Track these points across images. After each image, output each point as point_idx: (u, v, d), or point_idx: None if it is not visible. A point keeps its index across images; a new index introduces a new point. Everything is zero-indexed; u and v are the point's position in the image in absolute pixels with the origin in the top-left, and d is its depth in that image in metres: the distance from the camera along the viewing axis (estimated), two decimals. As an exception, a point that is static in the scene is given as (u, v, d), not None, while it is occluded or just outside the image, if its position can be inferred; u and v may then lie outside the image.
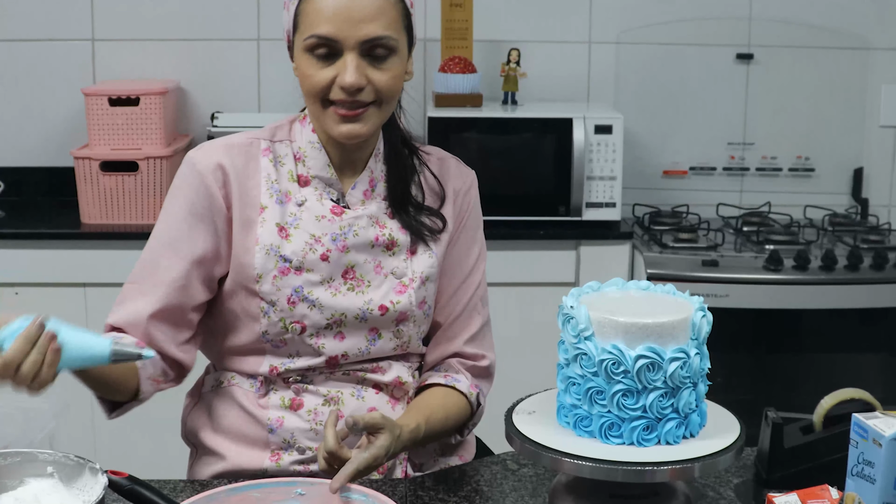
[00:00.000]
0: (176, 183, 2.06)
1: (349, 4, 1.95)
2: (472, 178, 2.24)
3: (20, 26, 4.03)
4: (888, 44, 4.15)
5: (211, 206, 2.02)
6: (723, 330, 2.24)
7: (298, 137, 2.10)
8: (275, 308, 2.02)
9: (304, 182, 2.08)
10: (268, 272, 2.02)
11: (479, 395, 2.19)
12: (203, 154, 2.06)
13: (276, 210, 2.04)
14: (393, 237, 2.09)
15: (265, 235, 2.03)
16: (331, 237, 2.04)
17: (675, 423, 1.75)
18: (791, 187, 4.19)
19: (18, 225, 3.73)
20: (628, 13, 4.12)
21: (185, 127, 4.10)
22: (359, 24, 1.95)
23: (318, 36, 1.95)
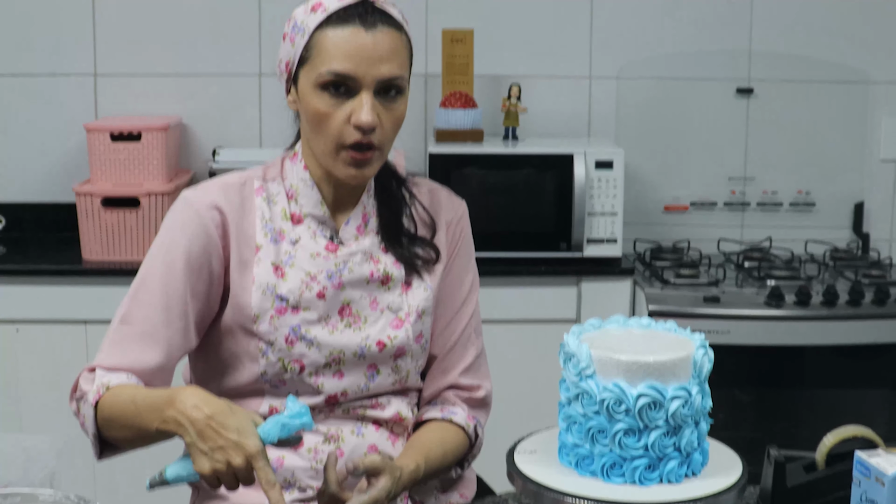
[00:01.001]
0: (171, 222, 2.05)
1: (368, 43, 1.95)
2: (463, 208, 2.23)
3: (22, 61, 4.05)
4: (888, 77, 4.16)
5: (207, 245, 2.01)
6: (724, 366, 2.24)
7: (290, 175, 2.10)
8: (273, 348, 2.02)
9: (297, 220, 2.08)
10: (265, 312, 2.01)
11: (476, 427, 2.18)
12: (200, 193, 2.05)
13: (270, 249, 2.04)
14: (388, 272, 2.09)
15: (261, 275, 2.02)
16: (326, 274, 2.04)
17: (677, 461, 1.75)
18: (792, 222, 4.19)
19: (19, 261, 3.72)
20: (628, 48, 4.13)
21: (187, 162, 4.10)
22: (377, 63, 1.95)
23: (336, 73, 1.95)
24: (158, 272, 2.01)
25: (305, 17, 1.99)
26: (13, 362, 3.61)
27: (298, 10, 2.02)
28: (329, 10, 1.97)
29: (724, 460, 1.85)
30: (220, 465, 1.73)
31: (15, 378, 3.62)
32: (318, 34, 1.97)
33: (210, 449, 1.74)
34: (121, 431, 1.93)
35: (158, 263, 2.02)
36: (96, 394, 1.94)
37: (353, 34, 1.95)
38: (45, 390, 3.63)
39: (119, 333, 2.01)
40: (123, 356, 1.99)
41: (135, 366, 1.98)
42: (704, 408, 1.79)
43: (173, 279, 2.00)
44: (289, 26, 2.03)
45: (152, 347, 1.99)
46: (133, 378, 1.96)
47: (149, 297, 2.01)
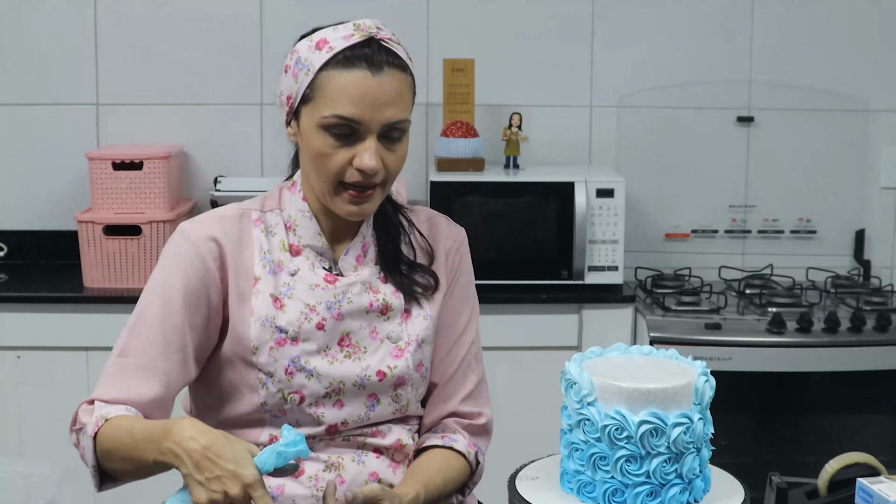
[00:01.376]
0: (169, 255, 2.04)
1: (374, 88, 1.94)
2: (463, 235, 2.23)
3: (24, 90, 4.06)
4: (888, 106, 4.17)
5: (205, 277, 2.01)
6: (726, 393, 2.23)
7: (288, 206, 2.09)
8: (273, 379, 2.01)
9: (295, 251, 2.07)
10: (264, 343, 2.00)
11: (477, 454, 2.17)
12: (197, 226, 2.04)
13: (269, 281, 2.03)
14: (387, 301, 2.08)
15: (260, 307, 2.01)
16: (325, 305, 2.04)
17: (679, 488, 1.75)
18: (793, 249, 4.19)
19: (21, 288, 3.73)
20: (629, 77, 4.14)
21: (189, 191, 4.11)
22: (382, 108, 1.95)
23: (342, 117, 1.94)
24: (156, 305, 2.00)
25: (310, 55, 1.97)
26: (14, 389, 3.61)
27: (302, 45, 2.00)
28: (335, 49, 1.95)
29: (726, 487, 1.85)
30: (217, 496, 1.72)
31: (16, 405, 3.62)
32: (322, 75, 1.95)
33: (207, 479, 1.73)
34: (120, 463, 1.92)
35: (156, 297, 2.01)
36: (95, 426, 1.94)
37: (360, 79, 1.94)
38: (45, 417, 3.62)
39: (117, 367, 2.00)
40: (122, 389, 1.98)
41: (134, 398, 1.97)
42: (706, 434, 1.79)
43: (171, 312, 1.99)
44: (292, 59, 2.01)
45: (151, 380, 1.99)
46: (132, 410, 1.95)
47: (147, 330, 2.00)
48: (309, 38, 2.01)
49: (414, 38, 4.08)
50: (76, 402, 3.74)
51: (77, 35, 4.05)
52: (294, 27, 4.09)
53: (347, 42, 1.96)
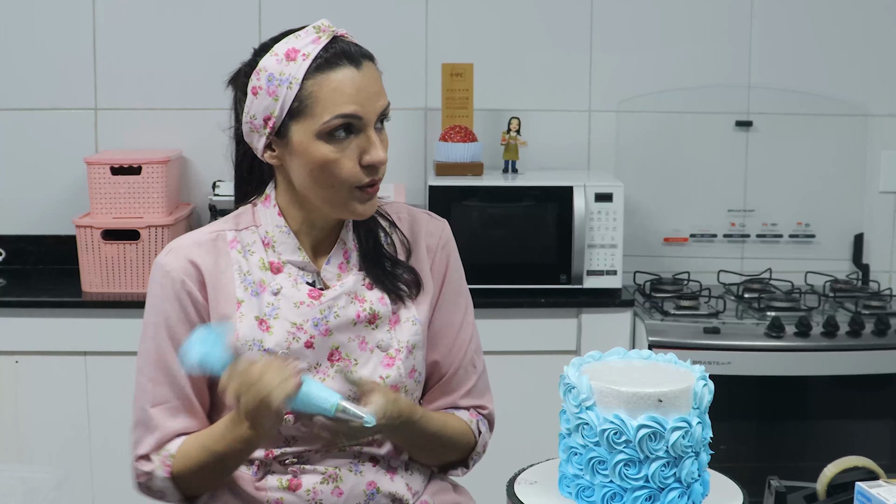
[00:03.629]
0: (156, 294, 2.03)
1: (363, 80, 1.94)
2: (446, 230, 2.20)
3: (23, 95, 4.06)
4: (887, 110, 4.17)
5: (188, 307, 2.00)
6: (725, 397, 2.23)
7: (264, 221, 2.07)
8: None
9: (276, 269, 2.04)
10: None
11: (479, 423, 2.19)
12: (173, 257, 2.03)
13: (252, 303, 2.01)
14: (374, 310, 2.06)
15: (245, 330, 2.00)
16: (312, 323, 2.02)
17: (678, 492, 1.75)
18: (792, 254, 4.19)
19: (19, 293, 3.72)
20: (628, 82, 4.14)
21: (187, 196, 4.11)
22: (374, 97, 1.95)
23: (345, 115, 1.92)
24: (161, 346, 2.01)
25: (285, 68, 1.94)
26: (13, 394, 3.61)
27: (268, 62, 1.96)
28: (311, 55, 1.93)
29: (725, 491, 1.84)
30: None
31: (15, 410, 3.62)
32: (309, 83, 1.93)
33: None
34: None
35: (161, 337, 2.01)
36: (165, 468, 1.98)
37: (348, 76, 1.93)
38: (45, 422, 3.62)
39: (156, 417, 2.00)
40: (168, 433, 2.01)
41: (185, 430, 2.02)
42: (704, 439, 1.79)
43: (174, 348, 1.99)
44: (260, 80, 1.97)
45: (190, 414, 2.01)
46: (182, 437, 2.01)
47: (163, 373, 2.01)
48: (270, 52, 1.97)
49: (413, 42, 4.09)
50: (75, 406, 3.76)
51: (76, 40, 4.05)
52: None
53: (318, 45, 1.94)
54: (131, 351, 3.55)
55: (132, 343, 3.56)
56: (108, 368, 3.61)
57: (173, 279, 2.00)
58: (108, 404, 3.62)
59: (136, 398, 2.04)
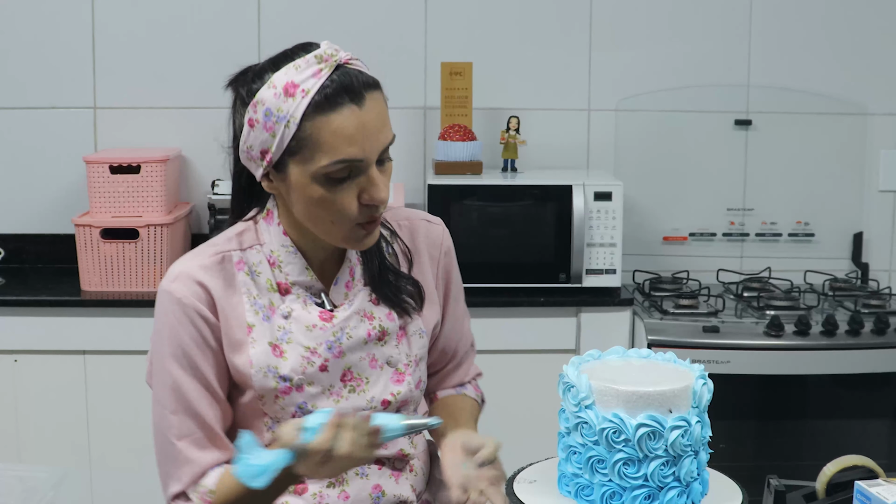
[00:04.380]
0: (166, 323, 1.95)
1: (364, 119, 1.84)
2: (445, 236, 2.19)
3: (22, 94, 4.06)
4: (886, 109, 4.17)
5: (210, 328, 1.95)
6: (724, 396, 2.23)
7: (268, 240, 2.00)
8: (279, 424, 1.97)
9: (284, 290, 1.99)
10: (269, 392, 1.96)
11: (482, 396, 2.30)
12: (181, 284, 1.94)
13: (264, 328, 1.96)
14: (383, 327, 2.04)
15: (259, 356, 1.95)
16: (326, 346, 1.98)
17: (677, 491, 1.74)
18: (791, 252, 4.19)
19: (18, 292, 3.72)
20: (627, 81, 4.14)
21: (187, 195, 4.11)
22: (375, 135, 1.86)
23: (343, 161, 1.84)
24: (179, 377, 1.94)
25: (283, 104, 1.84)
26: (12, 392, 3.61)
27: (266, 95, 1.86)
28: (311, 91, 1.83)
29: (724, 490, 1.84)
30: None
31: (13, 408, 3.62)
32: (308, 124, 1.83)
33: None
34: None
35: (175, 371, 1.95)
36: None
37: (349, 116, 1.84)
38: (43, 421, 3.62)
39: (184, 451, 1.96)
40: (200, 466, 1.96)
41: (217, 461, 1.97)
42: (704, 438, 1.79)
43: (197, 375, 1.95)
44: (257, 112, 1.87)
45: (216, 444, 1.97)
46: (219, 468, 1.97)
47: (184, 405, 1.95)
48: (268, 84, 1.87)
49: (412, 41, 4.09)
50: (74, 405, 3.77)
51: (75, 39, 4.04)
52: (291, 30, 4.10)
53: (319, 80, 1.84)
54: (130, 350, 3.59)
55: (131, 342, 3.59)
56: (106, 367, 3.61)
57: (185, 305, 1.93)
58: (106, 403, 3.62)
59: (157, 432, 1.99)
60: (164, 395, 1.97)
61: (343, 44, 1.95)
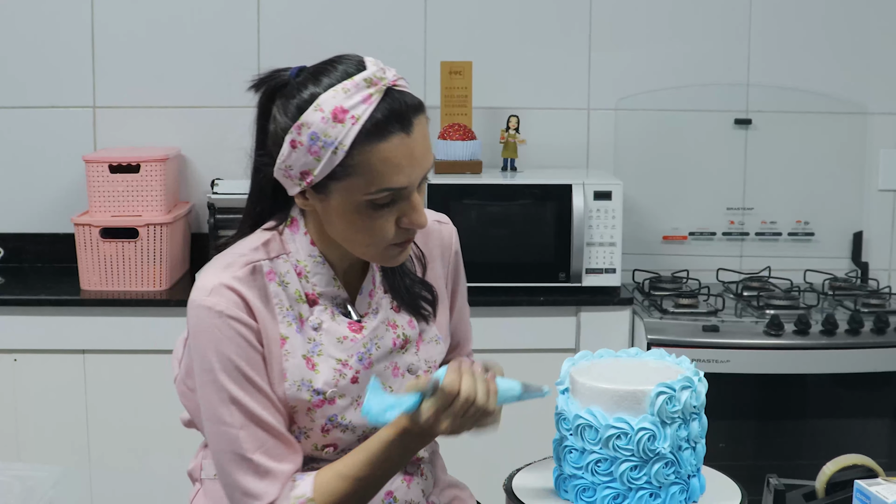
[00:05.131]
0: (206, 341, 1.89)
1: (412, 147, 1.83)
2: (454, 237, 2.19)
3: (21, 93, 4.06)
4: (886, 109, 4.17)
5: (252, 333, 1.90)
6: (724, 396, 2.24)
7: (294, 249, 1.97)
8: (307, 435, 1.97)
9: (311, 301, 1.97)
10: (302, 405, 1.94)
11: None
12: (219, 297, 1.89)
13: (296, 340, 1.94)
14: (406, 335, 2.04)
15: (293, 370, 1.93)
16: (357, 358, 1.97)
17: (647, 492, 1.75)
18: (791, 252, 4.19)
19: (18, 291, 3.72)
20: (627, 80, 4.14)
21: (186, 194, 4.11)
22: (421, 161, 1.85)
23: (391, 189, 1.82)
24: (237, 393, 1.89)
25: (331, 130, 1.80)
26: (11, 392, 3.61)
27: (312, 118, 1.82)
28: (361, 119, 1.80)
29: (724, 489, 1.84)
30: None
31: (13, 408, 3.62)
32: (357, 152, 1.80)
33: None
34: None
35: (230, 386, 1.89)
36: None
37: (398, 145, 1.81)
38: (43, 420, 3.62)
39: (262, 463, 1.90)
40: (283, 475, 1.91)
41: (297, 467, 1.94)
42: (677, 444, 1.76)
43: (254, 388, 1.90)
44: (302, 135, 1.82)
45: (290, 448, 1.94)
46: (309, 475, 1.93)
47: (250, 418, 1.90)
48: (314, 106, 1.82)
49: (411, 40, 4.09)
50: (73, 404, 3.76)
51: (74, 38, 4.04)
52: (291, 30, 4.10)
53: (370, 106, 1.80)
54: (130, 349, 3.58)
55: (131, 341, 3.59)
56: (106, 366, 3.61)
57: (228, 317, 1.88)
58: (106, 402, 3.62)
59: (223, 452, 1.91)
60: (225, 413, 1.89)
61: (342, 43, 1.95)
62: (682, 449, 1.76)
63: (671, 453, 1.75)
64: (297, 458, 1.94)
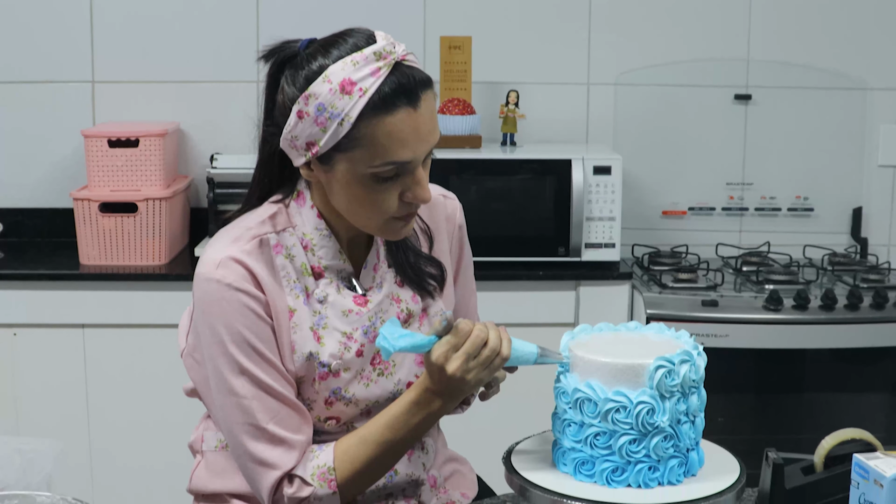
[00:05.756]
0: (214, 314, 1.90)
1: (419, 122, 1.84)
2: (459, 211, 2.20)
3: (20, 68, 4.05)
4: (886, 84, 4.16)
5: (260, 304, 1.91)
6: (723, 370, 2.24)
7: (300, 222, 1.98)
8: (310, 408, 1.97)
9: (317, 274, 1.98)
10: (308, 377, 1.95)
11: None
12: (227, 270, 1.90)
13: (303, 312, 1.95)
14: (409, 309, 2.05)
15: (301, 342, 1.94)
16: (362, 331, 1.98)
17: (646, 465, 1.75)
18: (790, 227, 4.19)
19: (17, 266, 3.72)
20: (627, 55, 4.13)
21: (185, 168, 4.11)
22: (427, 136, 1.86)
23: (395, 162, 1.83)
24: (247, 365, 1.90)
25: (338, 101, 1.81)
26: (11, 366, 3.61)
27: (320, 89, 1.82)
28: (369, 91, 1.81)
29: (723, 463, 1.85)
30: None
31: (13, 382, 3.62)
32: (363, 125, 1.81)
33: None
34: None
35: (240, 359, 1.89)
36: (328, 483, 1.91)
37: (405, 119, 1.83)
38: (42, 394, 3.63)
39: (277, 433, 1.91)
40: (301, 443, 1.93)
41: (308, 438, 1.95)
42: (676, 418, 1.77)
43: (262, 358, 1.91)
44: (309, 105, 1.83)
45: (303, 416, 1.95)
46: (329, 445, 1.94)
47: (263, 389, 1.91)
48: (323, 77, 1.82)
49: (411, 15, 4.08)
50: (73, 378, 3.77)
51: (72, 12, 4.03)
52: (290, 4, 4.08)
53: (378, 79, 1.81)
54: (129, 324, 3.58)
55: (129, 315, 3.60)
56: (105, 341, 3.61)
57: (236, 290, 1.89)
58: (105, 376, 3.62)
59: (236, 425, 1.92)
60: (236, 384, 1.90)
61: (342, 17, 1.94)
62: (681, 422, 1.77)
63: (670, 427, 1.75)
64: (310, 429, 1.95)
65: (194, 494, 2.17)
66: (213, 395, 1.95)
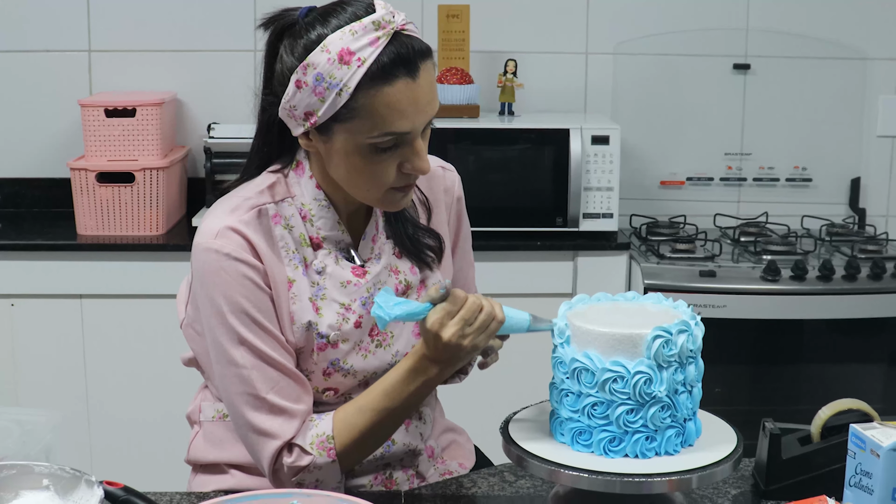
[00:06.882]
0: (212, 284, 1.89)
1: (417, 92, 1.83)
2: (457, 183, 2.20)
3: (17, 37, 4.03)
4: (886, 54, 4.15)
5: (259, 274, 1.90)
6: (720, 340, 2.24)
7: (299, 192, 1.97)
8: (308, 378, 1.97)
9: (315, 245, 1.97)
10: (307, 348, 1.95)
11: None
12: (225, 240, 1.89)
13: (302, 283, 1.94)
14: (408, 281, 2.04)
15: (300, 313, 1.94)
16: (360, 302, 1.98)
17: (643, 435, 1.75)
18: (788, 197, 4.19)
19: (14, 236, 3.72)
20: (625, 24, 4.12)
21: (182, 138, 4.10)
22: (425, 107, 1.85)
23: (393, 133, 1.83)
24: (246, 335, 1.89)
25: (336, 71, 1.80)
26: (9, 337, 3.61)
27: (318, 59, 1.81)
28: (367, 61, 1.80)
29: (720, 433, 1.85)
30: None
31: (11, 352, 3.62)
32: (361, 95, 1.80)
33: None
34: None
35: (239, 329, 1.89)
36: (326, 451, 1.91)
37: (403, 89, 1.82)
38: (40, 364, 3.63)
39: (277, 403, 1.90)
40: (300, 414, 1.92)
41: (309, 408, 1.95)
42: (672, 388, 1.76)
43: (262, 329, 1.90)
44: (307, 75, 1.82)
45: (303, 387, 1.94)
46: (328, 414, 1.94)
47: (262, 359, 1.90)
48: (321, 47, 1.81)
49: (408, -16, 4.06)
50: (71, 349, 3.77)
51: (69, -20, 4.02)
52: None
53: (377, 49, 1.80)
54: (126, 294, 3.58)
55: (127, 286, 3.59)
56: (103, 311, 3.61)
57: (234, 259, 1.88)
58: (103, 346, 3.63)
59: (237, 394, 1.91)
60: (236, 354, 1.90)
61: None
62: (679, 393, 1.77)
63: (667, 397, 1.75)
64: (310, 398, 1.95)
65: (192, 464, 2.18)
66: (213, 366, 1.95)
